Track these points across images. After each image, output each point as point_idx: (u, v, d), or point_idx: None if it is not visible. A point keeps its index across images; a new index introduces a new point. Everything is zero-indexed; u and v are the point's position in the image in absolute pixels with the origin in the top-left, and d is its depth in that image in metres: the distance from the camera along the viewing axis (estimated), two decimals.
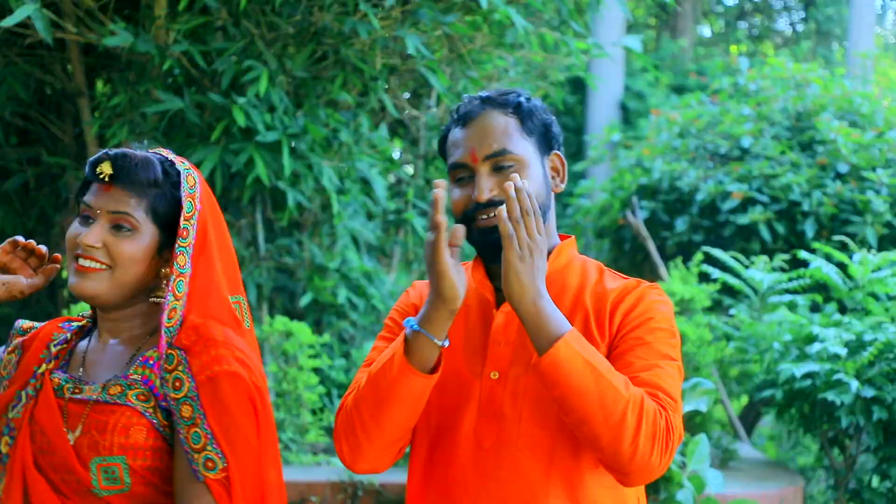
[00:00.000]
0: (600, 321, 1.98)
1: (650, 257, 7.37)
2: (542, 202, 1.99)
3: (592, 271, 2.06)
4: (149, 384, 1.86)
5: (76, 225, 1.93)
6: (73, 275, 1.90)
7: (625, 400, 1.81)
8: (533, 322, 1.84)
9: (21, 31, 5.04)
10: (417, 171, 7.20)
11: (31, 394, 1.88)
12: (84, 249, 1.89)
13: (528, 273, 1.83)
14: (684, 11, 17.04)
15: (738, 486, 4.89)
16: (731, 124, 8.39)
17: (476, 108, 2.03)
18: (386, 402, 1.89)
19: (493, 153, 1.98)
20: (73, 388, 1.88)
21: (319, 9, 5.28)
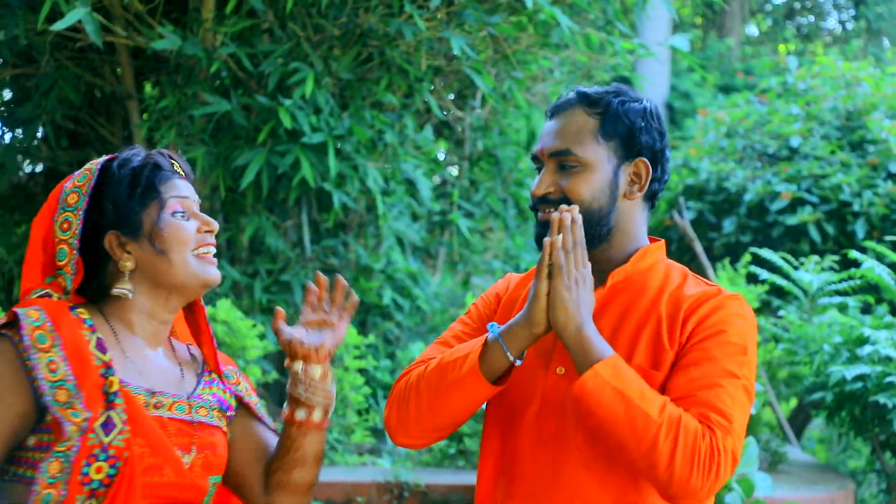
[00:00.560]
0: (672, 328, 1.96)
1: (697, 258, 7.31)
2: (601, 207, 2.00)
3: (675, 276, 2.05)
4: (221, 402, 1.95)
5: (176, 220, 1.87)
6: (202, 266, 1.89)
7: (657, 424, 1.81)
8: (575, 350, 1.88)
9: (72, 34, 5.11)
10: (462, 172, 7.20)
11: (123, 416, 1.76)
12: (207, 237, 1.91)
13: (574, 303, 1.87)
14: (731, 10, 16.89)
15: (787, 490, 4.83)
16: (780, 124, 8.30)
17: (567, 102, 2.05)
18: (446, 394, 1.95)
19: (557, 151, 2.00)
20: (155, 404, 1.84)
21: (365, 10, 5.30)
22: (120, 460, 1.74)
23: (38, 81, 5.47)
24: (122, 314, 1.89)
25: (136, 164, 1.90)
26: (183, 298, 1.92)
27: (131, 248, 1.87)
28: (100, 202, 1.88)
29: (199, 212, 1.92)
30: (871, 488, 5.88)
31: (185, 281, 1.88)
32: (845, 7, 19.73)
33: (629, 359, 1.94)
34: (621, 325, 1.99)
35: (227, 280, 5.56)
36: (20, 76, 5.64)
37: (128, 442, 1.75)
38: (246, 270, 5.77)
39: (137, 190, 1.88)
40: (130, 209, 1.87)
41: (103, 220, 1.88)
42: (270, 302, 5.72)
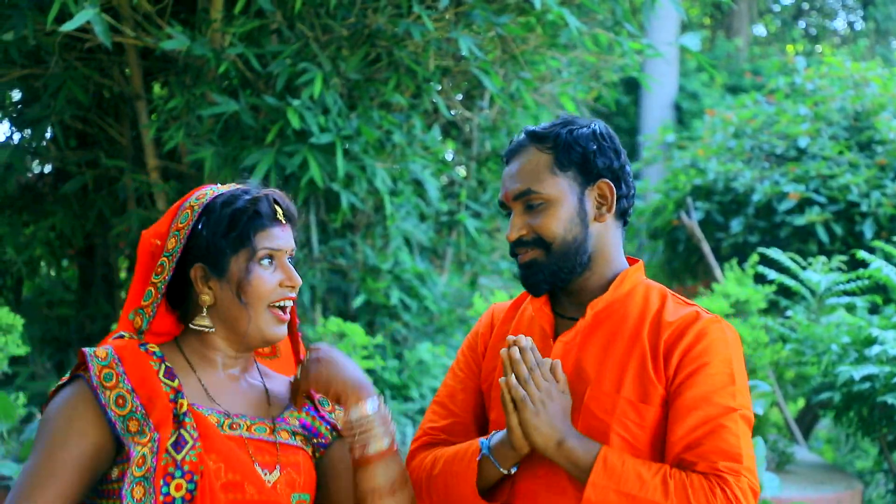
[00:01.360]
0: (656, 360, 1.98)
1: (705, 259, 7.30)
2: (574, 237, 2.02)
3: (654, 299, 2.06)
4: (308, 428, 1.99)
5: (262, 273, 1.92)
6: (271, 323, 1.93)
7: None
8: (564, 465, 1.94)
9: (80, 35, 5.13)
10: (470, 173, 7.21)
11: (193, 433, 1.82)
12: (287, 292, 1.95)
13: (546, 425, 1.92)
14: (740, 11, 16.86)
15: (795, 490, 4.83)
16: (788, 124, 8.29)
17: (518, 145, 2.09)
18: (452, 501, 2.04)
19: (519, 193, 2.04)
20: (231, 424, 1.88)
21: (373, 11, 5.31)
22: (196, 474, 1.79)
23: (46, 82, 5.49)
24: (197, 347, 1.95)
25: (238, 206, 1.93)
26: (245, 347, 1.96)
27: (213, 286, 1.93)
28: (196, 230, 1.94)
29: (288, 263, 1.97)
30: (879, 489, 5.87)
31: (250, 332, 1.92)
32: (853, 8, 19.69)
33: (617, 391, 1.96)
34: (606, 357, 2.00)
35: None
36: (29, 77, 5.65)
37: (200, 457, 1.80)
38: None
39: (232, 234, 1.92)
40: (221, 251, 1.91)
41: (195, 251, 1.93)
42: None
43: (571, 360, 2.01)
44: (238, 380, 1.97)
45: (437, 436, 2.14)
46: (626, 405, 1.95)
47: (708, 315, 2.01)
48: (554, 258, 2.01)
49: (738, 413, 1.93)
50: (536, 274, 2.02)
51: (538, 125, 2.11)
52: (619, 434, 1.94)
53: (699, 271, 8.43)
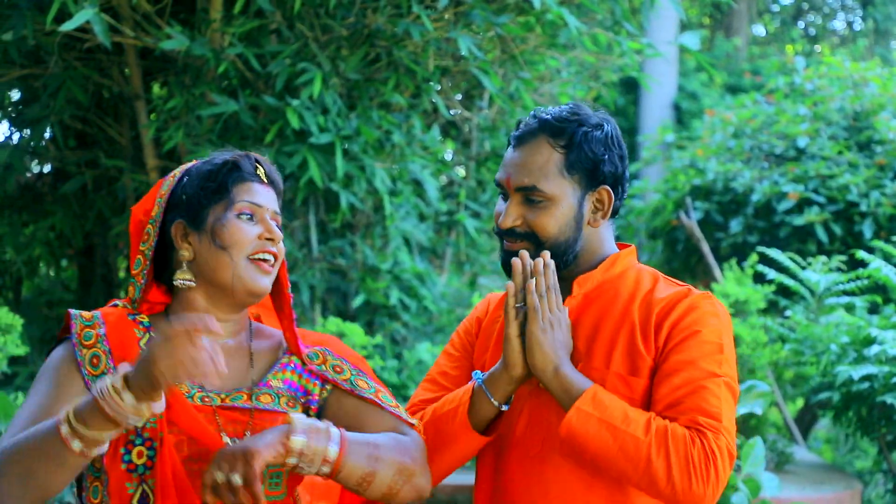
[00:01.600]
0: (646, 333, 1.98)
1: (704, 259, 7.31)
2: (566, 238, 2.03)
3: (646, 280, 2.07)
4: (293, 388, 1.94)
5: (239, 223, 1.89)
6: (254, 273, 1.89)
7: (646, 444, 1.85)
8: (555, 391, 1.93)
9: (80, 35, 5.13)
10: (469, 173, 7.21)
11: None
12: (268, 245, 1.91)
13: (550, 345, 1.91)
14: (739, 11, 16.86)
15: (794, 490, 4.83)
16: (787, 124, 8.29)
17: (530, 131, 2.05)
18: (442, 451, 2.02)
19: (524, 187, 2.02)
20: (203, 398, 1.86)
21: (373, 11, 5.31)
22: (155, 441, 1.78)
23: (46, 82, 5.49)
24: (181, 311, 1.92)
25: (217, 161, 1.95)
26: (231, 304, 1.92)
27: (192, 240, 1.90)
28: (177, 191, 1.94)
29: (269, 219, 1.93)
30: (878, 488, 5.88)
31: (233, 283, 1.88)
32: (852, 8, 19.69)
33: (606, 366, 1.97)
34: (597, 334, 2.01)
35: None
36: (28, 77, 5.65)
37: (161, 424, 1.78)
38: None
39: (210, 185, 1.92)
40: (199, 203, 1.90)
41: (176, 209, 1.92)
42: None
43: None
44: (223, 350, 1.85)
45: (425, 408, 2.13)
46: (615, 379, 1.96)
47: (699, 291, 2.03)
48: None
49: (722, 379, 1.94)
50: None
51: (550, 111, 2.07)
52: None
53: (698, 271, 8.42)
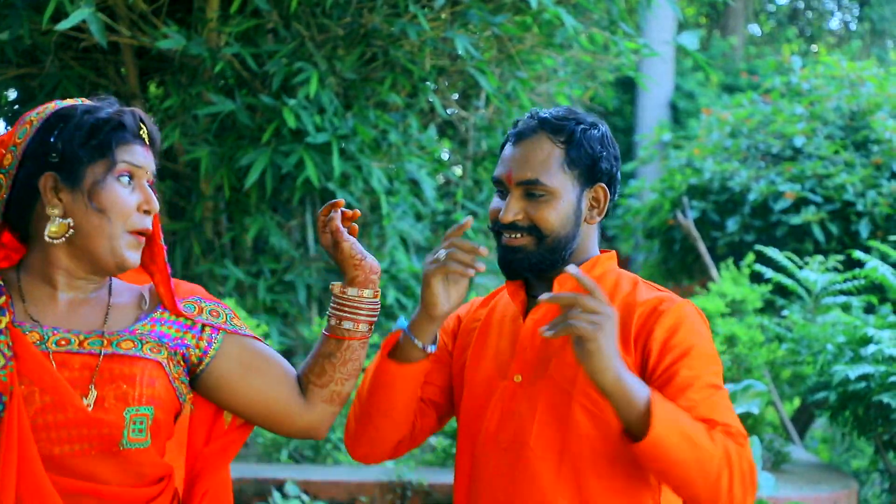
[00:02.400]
0: (625, 333, 1.98)
1: (701, 258, 7.31)
2: (566, 234, 2.04)
3: (626, 284, 2.07)
4: (161, 337, 1.86)
5: (119, 189, 1.80)
6: (129, 249, 1.81)
7: (718, 458, 1.84)
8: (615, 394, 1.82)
9: (76, 34, 5.12)
10: (466, 172, 7.21)
11: (7, 352, 1.73)
12: (145, 217, 1.83)
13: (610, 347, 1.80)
14: (735, 10, 16.88)
15: (791, 490, 4.83)
16: (784, 124, 8.30)
17: (530, 128, 2.06)
18: (370, 391, 2.03)
19: (526, 181, 2.02)
20: (59, 341, 1.78)
21: (369, 10, 5.31)
22: (5, 395, 1.71)
23: (42, 81, 5.49)
24: (39, 266, 1.82)
25: (101, 115, 1.81)
26: (96, 270, 1.83)
27: (64, 197, 1.79)
28: (49, 137, 1.80)
29: (146, 186, 1.84)
30: (875, 488, 5.88)
31: (104, 253, 1.80)
32: (849, 7, 19.72)
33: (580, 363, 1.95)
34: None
35: (231, 279, 5.57)
36: (25, 76, 5.65)
37: (11, 377, 1.71)
38: (250, 270, 5.78)
39: (92, 142, 1.79)
40: (77, 158, 1.78)
41: (46, 157, 1.79)
42: (274, 301, 5.73)
43: (540, 336, 2.02)
44: (78, 301, 1.84)
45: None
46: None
47: (678, 297, 2.04)
48: (543, 249, 2.03)
49: (724, 392, 1.96)
50: (522, 261, 2.03)
51: (547, 112, 2.09)
52: (581, 403, 1.95)
53: (695, 271, 8.43)
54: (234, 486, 4.43)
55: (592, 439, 1.94)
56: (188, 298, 1.92)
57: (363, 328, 1.95)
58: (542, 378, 2.00)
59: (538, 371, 2.01)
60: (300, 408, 1.95)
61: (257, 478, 4.55)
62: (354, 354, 1.96)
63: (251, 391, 1.92)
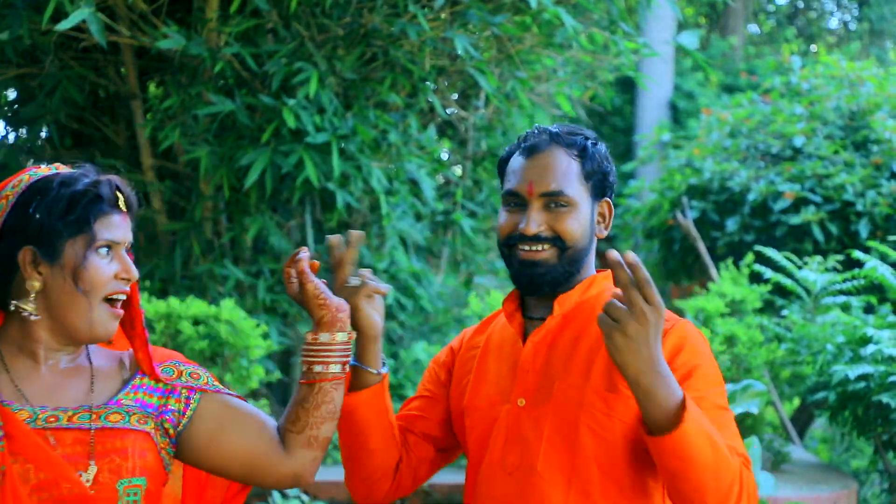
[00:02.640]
0: None
1: (700, 258, 7.31)
2: (584, 246, 2.05)
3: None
4: (145, 407, 1.87)
5: (99, 262, 1.81)
6: (106, 317, 1.83)
7: (733, 471, 1.83)
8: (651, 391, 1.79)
9: (76, 34, 5.12)
10: (466, 172, 7.21)
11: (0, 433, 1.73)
12: (122, 285, 1.84)
13: (653, 344, 1.77)
14: (735, 10, 16.88)
15: (790, 490, 4.83)
16: (784, 124, 8.30)
17: (543, 141, 2.07)
18: (340, 431, 2.08)
19: (549, 192, 2.03)
20: (48, 418, 1.78)
21: (369, 10, 5.31)
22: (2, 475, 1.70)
23: (42, 81, 5.49)
24: (17, 338, 1.83)
25: (78, 189, 1.81)
26: (73, 342, 1.84)
27: (43, 271, 1.79)
28: (27, 210, 1.80)
29: (125, 255, 1.85)
30: (874, 488, 5.88)
31: (81, 326, 1.81)
32: (848, 7, 19.72)
33: (585, 383, 1.97)
34: (574, 353, 2.02)
35: (231, 279, 5.57)
36: (24, 76, 5.65)
37: (3, 457, 1.71)
38: (249, 270, 5.77)
39: (70, 217, 1.79)
40: (57, 233, 1.79)
41: (25, 231, 1.79)
42: (274, 302, 5.73)
43: (541, 359, 2.03)
44: (61, 372, 1.84)
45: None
46: (593, 395, 1.96)
47: (679, 318, 2.03)
48: (565, 261, 2.03)
49: (730, 413, 1.96)
50: (545, 274, 2.02)
51: (553, 127, 2.11)
52: (588, 425, 1.95)
53: (695, 271, 8.43)
54: None
55: (600, 462, 1.94)
56: (166, 363, 1.93)
57: (334, 369, 1.93)
58: (546, 401, 1.99)
59: (541, 394, 2.00)
60: (280, 457, 1.93)
61: None
62: (327, 397, 1.93)
63: (230, 447, 1.92)
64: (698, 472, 1.81)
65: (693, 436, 1.78)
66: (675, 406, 1.79)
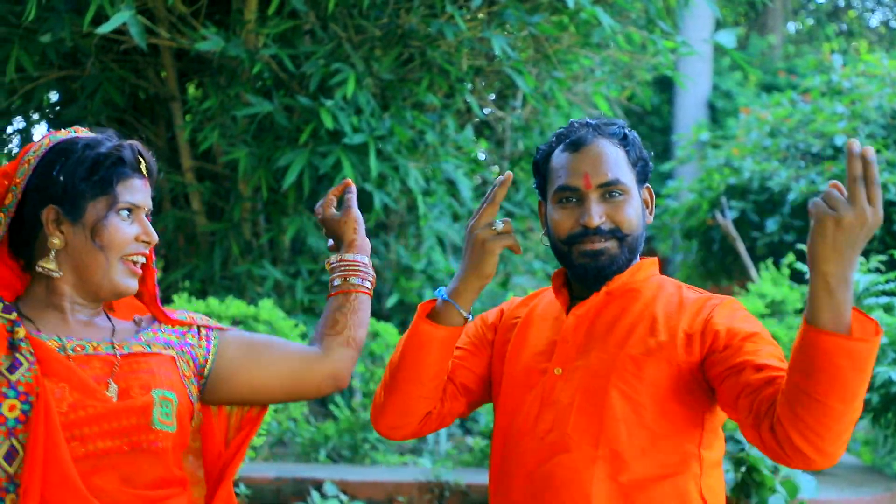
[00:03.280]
0: (672, 329, 1.99)
1: (740, 258, 7.25)
2: (640, 233, 2.08)
3: (670, 286, 2.11)
4: (165, 341, 1.95)
5: (120, 223, 1.87)
6: (124, 275, 1.88)
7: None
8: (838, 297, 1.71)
9: (117, 37, 5.17)
10: (502, 172, 7.20)
11: (30, 357, 1.78)
12: (142, 247, 1.90)
13: (859, 245, 1.70)
14: (774, 9, 16.74)
15: (833, 492, 4.78)
16: (824, 123, 8.22)
17: (588, 134, 2.08)
18: (402, 355, 2.08)
19: (607, 182, 2.04)
20: (76, 347, 1.84)
21: (406, 11, 5.32)
22: (32, 395, 1.76)
23: (83, 83, 5.54)
24: (43, 296, 1.88)
25: (102, 151, 1.87)
26: (95, 297, 1.90)
27: (65, 230, 1.85)
28: (51, 171, 1.86)
29: (146, 220, 1.91)
30: None
31: (102, 282, 1.87)
32: (890, 5, 19.49)
33: (620, 349, 1.99)
34: (614, 327, 2.04)
35: (270, 280, 5.60)
36: (66, 78, 5.71)
37: (36, 378, 1.76)
38: (288, 270, 5.80)
39: (94, 178, 1.85)
40: (80, 193, 1.85)
41: (49, 191, 1.85)
42: (312, 302, 5.75)
43: (582, 331, 2.05)
44: (85, 322, 1.90)
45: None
46: (626, 359, 1.98)
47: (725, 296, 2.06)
48: (626, 250, 2.05)
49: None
50: (609, 265, 2.04)
51: (588, 120, 2.12)
52: (619, 387, 1.96)
53: (734, 271, 8.36)
54: (273, 486, 4.46)
55: (629, 423, 1.95)
56: (178, 312, 2.03)
57: (367, 283, 2.11)
58: (581, 369, 2.01)
59: (578, 364, 2.02)
60: (318, 360, 2.04)
61: (296, 477, 4.56)
62: (363, 305, 2.10)
63: (264, 365, 2.01)
64: (862, 385, 1.72)
65: (876, 350, 1.71)
66: (849, 314, 1.71)
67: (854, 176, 1.67)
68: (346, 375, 2.07)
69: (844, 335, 1.70)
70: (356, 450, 5.22)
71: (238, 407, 2.05)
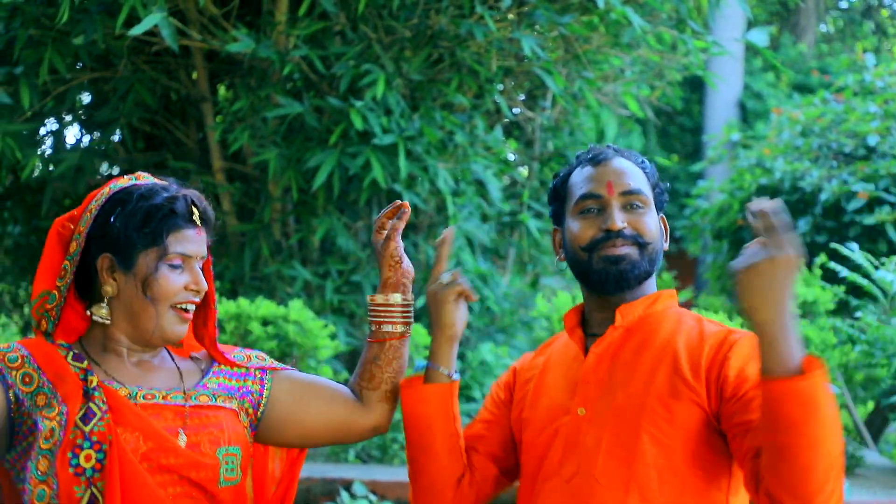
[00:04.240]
0: (695, 363, 1.96)
1: None
2: (659, 247, 2.10)
3: (689, 319, 2.08)
4: (228, 389, 2.02)
5: (169, 274, 1.91)
6: (174, 322, 1.93)
7: (841, 438, 1.76)
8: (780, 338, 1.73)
9: (148, 39, 5.21)
10: (532, 173, 7.19)
11: (103, 406, 1.84)
12: (192, 296, 1.94)
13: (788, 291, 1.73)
14: (806, 8, 16.62)
15: (865, 494, 4.75)
16: (857, 122, 8.15)
17: (608, 151, 2.13)
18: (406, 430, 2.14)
19: (629, 190, 2.07)
20: (147, 395, 1.90)
21: (436, 12, 5.32)
22: (105, 444, 1.81)
23: (115, 85, 5.59)
24: (101, 339, 1.94)
25: (155, 202, 1.92)
26: (147, 344, 1.95)
27: (118, 278, 1.91)
28: (108, 220, 1.93)
29: (197, 269, 1.95)
30: None
31: (153, 330, 1.92)
32: None
33: (647, 390, 1.96)
34: (636, 363, 2.01)
35: (299, 280, 5.62)
36: (98, 80, 5.76)
37: (109, 427, 1.81)
38: (317, 271, 5.82)
39: (145, 230, 1.90)
40: (132, 244, 1.90)
41: (105, 239, 1.92)
42: (341, 302, 5.77)
43: (604, 370, 2.03)
44: (146, 364, 1.96)
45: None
46: (655, 402, 1.95)
47: (746, 331, 1.98)
48: (646, 258, 2.06)
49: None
50: (631, 269, 2.03)
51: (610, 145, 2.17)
52: (649, 431, 1.94)
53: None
54: (302, 486, 4.47)
55: (660, 468, 1.92)
56: (234, 351, 2.09)
57: (400, 328, 2.13)
58: (608, 410, 1.99)
59: (602, 403, 2.00)
60: (360, 413, 2.11)
61: (325, 477, 4.58)
62: (397, 353, 2.13)
63: (312, 415, 2.09)
64: (819, 425, 1.71)
65: (822, 385, 1.71)
66: (798, 356, 1.72)
67: (763, 230, 1.72)
68: (386, 426, 2.15)
69: (786, 377, 1.71)
70: (385, 450, 5.23)
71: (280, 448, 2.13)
